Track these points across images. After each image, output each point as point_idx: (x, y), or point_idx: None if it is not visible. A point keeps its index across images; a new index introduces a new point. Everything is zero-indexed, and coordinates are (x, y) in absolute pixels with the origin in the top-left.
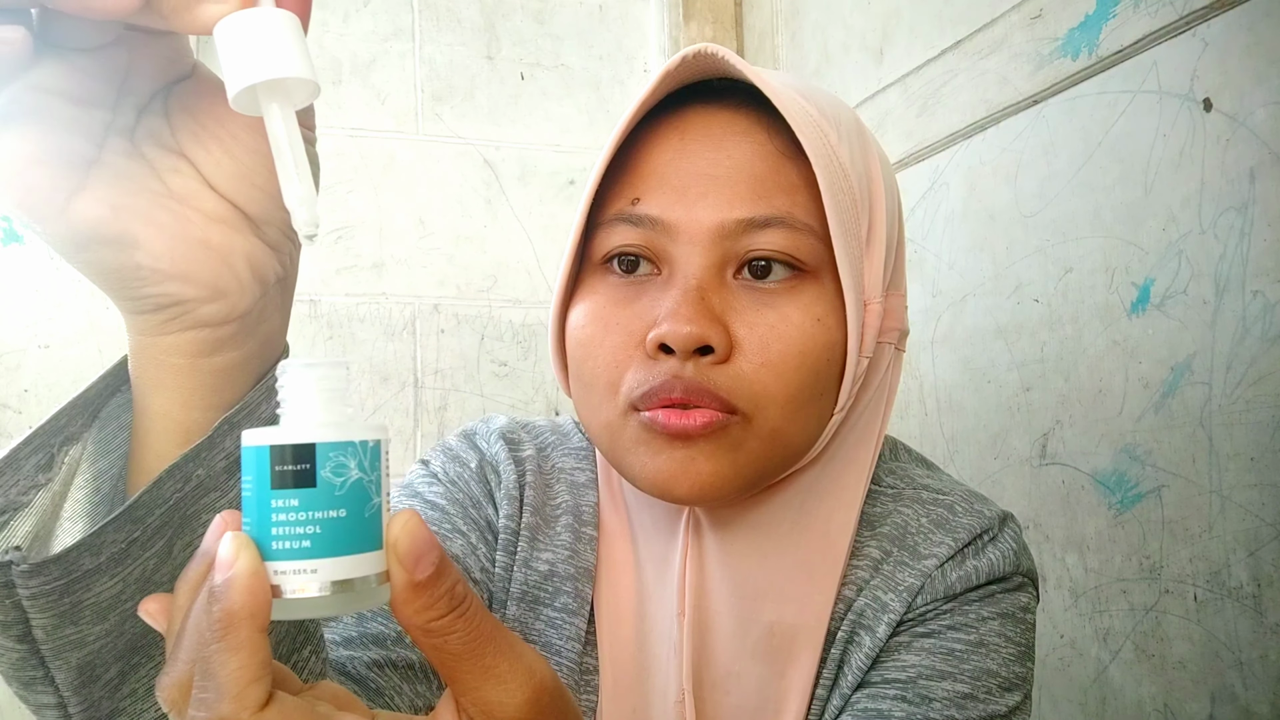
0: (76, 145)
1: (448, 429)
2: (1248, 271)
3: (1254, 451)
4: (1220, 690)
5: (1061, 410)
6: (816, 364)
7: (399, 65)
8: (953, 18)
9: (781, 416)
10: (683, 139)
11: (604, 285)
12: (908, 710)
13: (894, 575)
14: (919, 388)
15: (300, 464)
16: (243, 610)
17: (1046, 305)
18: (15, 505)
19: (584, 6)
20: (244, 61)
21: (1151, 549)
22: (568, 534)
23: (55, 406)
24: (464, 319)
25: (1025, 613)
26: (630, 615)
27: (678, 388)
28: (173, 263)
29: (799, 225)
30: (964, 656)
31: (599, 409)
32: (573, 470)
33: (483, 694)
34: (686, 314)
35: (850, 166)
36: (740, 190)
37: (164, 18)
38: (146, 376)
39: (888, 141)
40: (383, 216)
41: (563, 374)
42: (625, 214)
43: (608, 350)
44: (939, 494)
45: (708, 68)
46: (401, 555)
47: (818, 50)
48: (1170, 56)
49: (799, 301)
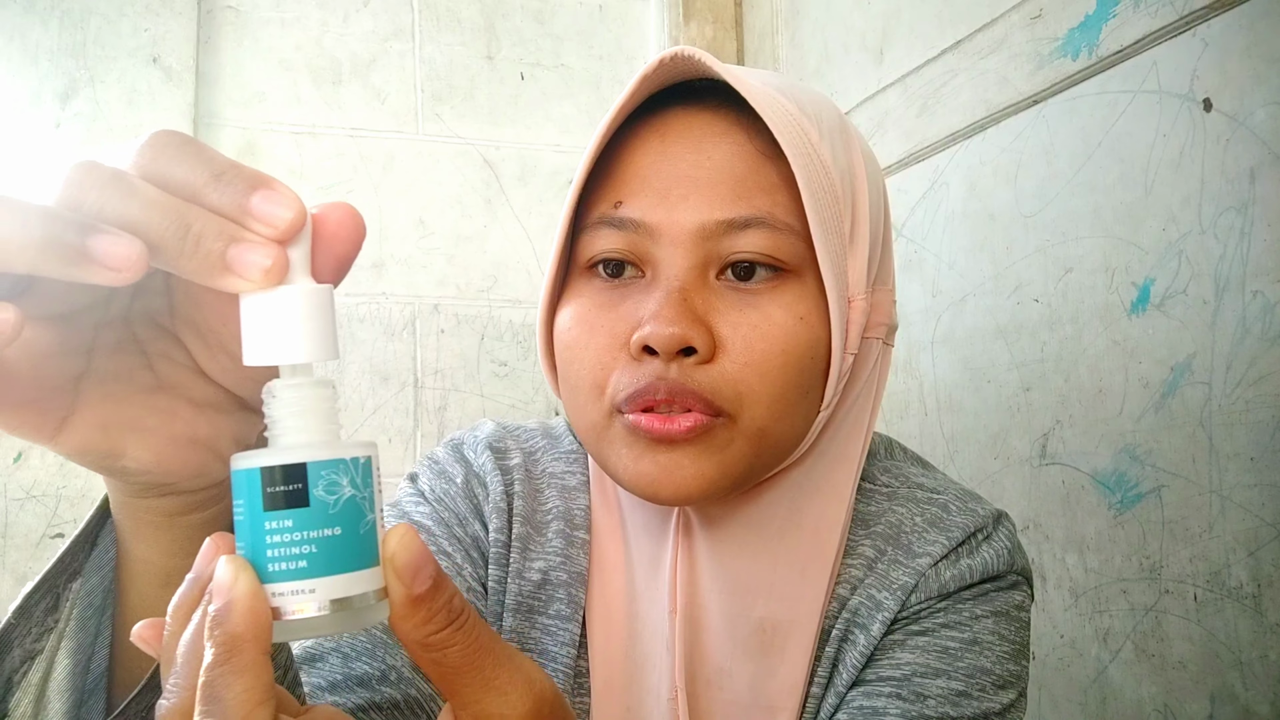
0: (66, 367)
1: (448, 429)
2: (1248, 271)
3: (1254, 451)
4: (1220, 690)
5: (1061, 410)
6: (801, 362)
7: (399, 65)
8: (953, 18)
9: (767, 416)
10: (663, 141)
11: (589, 289)
12: (903, 708)
13: (888, 574)
14: (919, 388)
15: (292, 484)
16: (246, 633)
17: (1046, 305)
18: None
19: (584, 6)
20: (266, 337)
21: (1151, 549)
22: (559, 540)
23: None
24: (464, 319)
25: (1019, 610)
26: (621, 616)
27: (662, 389)
28: (159, 464)
29: (779, 225)
30: (958, 654)
31: (585, 411)
32: (563, 474)
33: (484, 706)
34: (670, 315)
35: (832, 163)
36: (721, 191)
37: (181, 275)
38: (126, 526)
39: (888, 141)
40: (383, 216)
41: (552, 376)
42: (608, 217)
43: (593, 353)
44: (933, 493)
45: (686, 70)
46: (399, 569)
47: (818, 50)
48: (1170, 56)
49: (782, 300)
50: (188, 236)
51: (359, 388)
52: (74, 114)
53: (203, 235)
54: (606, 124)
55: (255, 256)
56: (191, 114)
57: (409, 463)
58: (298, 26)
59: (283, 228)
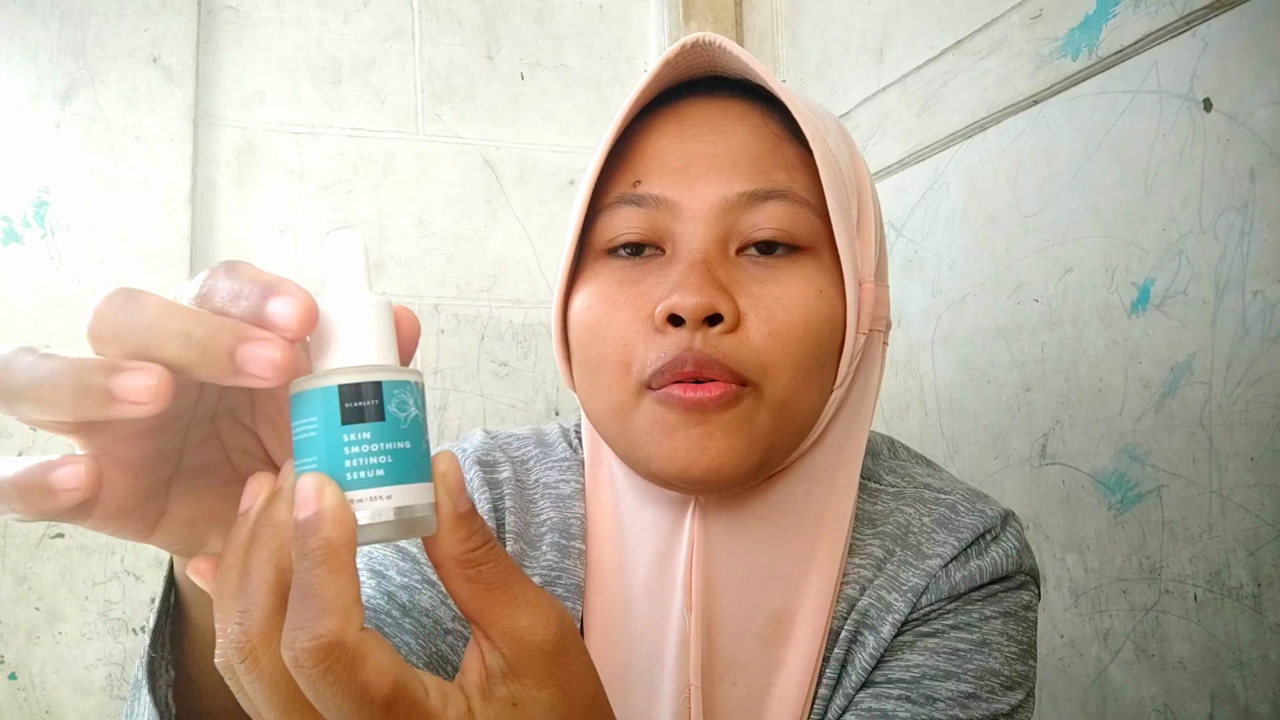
0: (161, 472)
1: (448, 429)
2: (1248, 271)
3: (1254, 451)
4: (1220, 690)
5: (1061, 410)
6: (820, 334)
7: (399, 65)
8: (953, 18)
9: (789, 387)
10: (680, 125)
11: (607, 269)
12: (912, 710)
13: (898, 575)
14: (919, 388)
15: (371, 400)
16: (339, 536)
17: (1046, 305)
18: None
19: (584, 6)
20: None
21: (1151, 549)
22: (554, 552)
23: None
24: (464, 319)
25: (1027, 611)
26: (621, 621)
27: (689, 361)
28: None
29: (799, 199)
30: (967, 656)
31: (609, 392)
32: (557, 483)
33: (513, 621)
34: (695, 284)
35: (839, 154)
36: (740, 167)
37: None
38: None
39: (888, 141)
40: (383, 216)
41: (566, 365)
42: (628, 195)
43: (616, 328)
44: (940, 493)
45: (703, 60)
46: (450, 486)
47: (818, 50)
48: (1170, 56)
49: (801, 274)
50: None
51: None
52: (74, 114)
53: (209, 339)
54: (626, 109)
55: (264, 351)
56: (191, 114)
57: None
58: (298, 26)
59: (289, 324)
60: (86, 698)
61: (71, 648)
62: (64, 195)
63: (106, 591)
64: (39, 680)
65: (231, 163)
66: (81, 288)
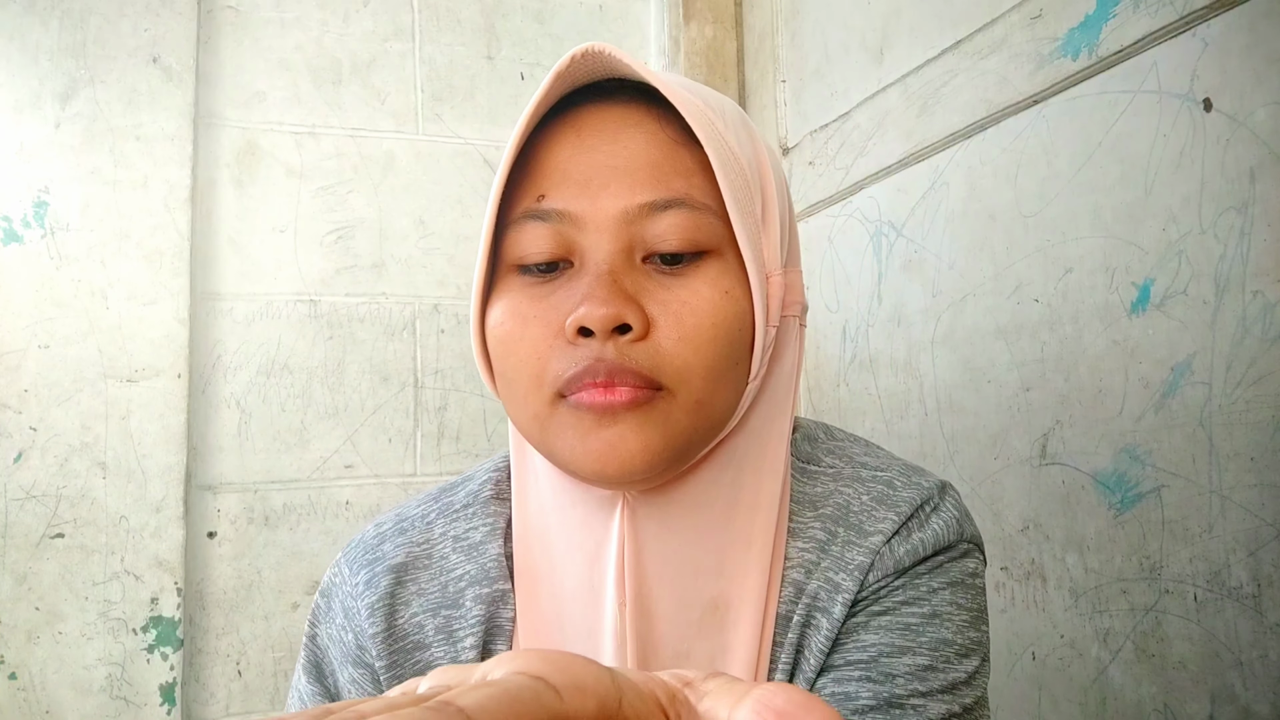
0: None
1: (447, 429)
2: (1248, 271)
3: (1254, 451)
4: (1220, 690)
5: (1061, 410)
6: (729, 334)
7: (399, 65)
8: (953, 18)
9: (703, 388)
10: (579, 135)
11: (518, 283)
12: (874, 690)
13: (843, 555)
14: (919, 388)
15: None
16: None
17: (1046, 305)
18: None
19: (584, 6)
20: None
21: (1151, 549)
22: (479, 606)
23: (54, 407)
24: (464, 319)
25: (974, 578)
26: (552, 623)
27: (601, 370)
28: None
29: (698, 205)
30: (920, 629)
31: (526, 402)
32: (465, 533)
33: None
34: (602, 295)
35: (739, 150)
36: (640, 177)
37: None
38: None
39: (888, 141)
40: (383, 216)
41: (488, 375)
42: (532, 210)
43: (528, 343)
44: (877, 470)
45: (598, 67)
46: None
47: (818, 50)
48: (1170, 56)
49: (706, 277)
50: None
51: (359, 388)
52: (74, 114)
53: None
54: (524, 122)
55: None
56: (191, 114)
57: (409, 462)
58: (298, 26)
59: None
60: (86, 698)
61: (71, 648)
62: (64, 195)
63: (106, 591)
64: (39, 680)
65: (231, 163)
66: (81, 288)
